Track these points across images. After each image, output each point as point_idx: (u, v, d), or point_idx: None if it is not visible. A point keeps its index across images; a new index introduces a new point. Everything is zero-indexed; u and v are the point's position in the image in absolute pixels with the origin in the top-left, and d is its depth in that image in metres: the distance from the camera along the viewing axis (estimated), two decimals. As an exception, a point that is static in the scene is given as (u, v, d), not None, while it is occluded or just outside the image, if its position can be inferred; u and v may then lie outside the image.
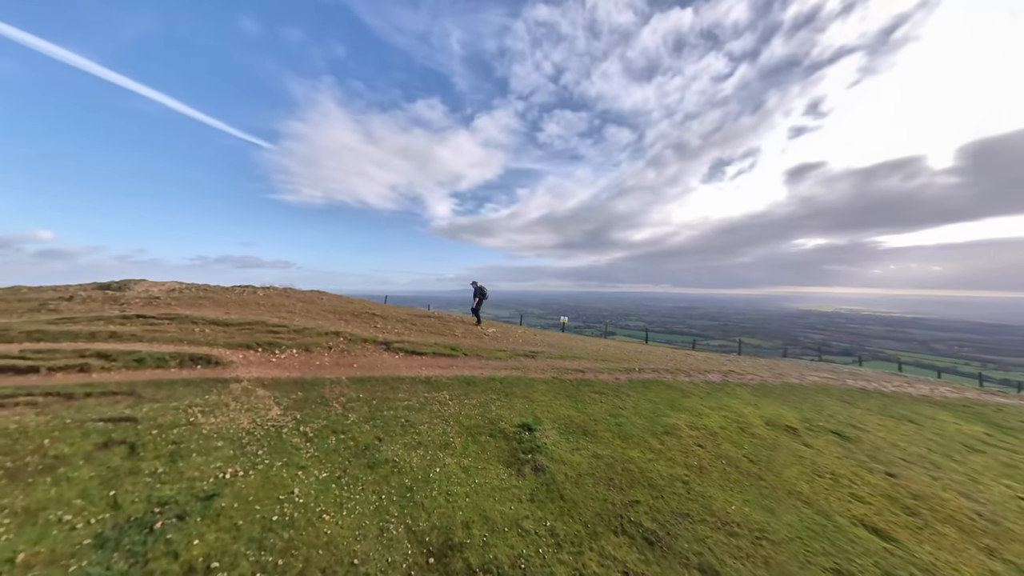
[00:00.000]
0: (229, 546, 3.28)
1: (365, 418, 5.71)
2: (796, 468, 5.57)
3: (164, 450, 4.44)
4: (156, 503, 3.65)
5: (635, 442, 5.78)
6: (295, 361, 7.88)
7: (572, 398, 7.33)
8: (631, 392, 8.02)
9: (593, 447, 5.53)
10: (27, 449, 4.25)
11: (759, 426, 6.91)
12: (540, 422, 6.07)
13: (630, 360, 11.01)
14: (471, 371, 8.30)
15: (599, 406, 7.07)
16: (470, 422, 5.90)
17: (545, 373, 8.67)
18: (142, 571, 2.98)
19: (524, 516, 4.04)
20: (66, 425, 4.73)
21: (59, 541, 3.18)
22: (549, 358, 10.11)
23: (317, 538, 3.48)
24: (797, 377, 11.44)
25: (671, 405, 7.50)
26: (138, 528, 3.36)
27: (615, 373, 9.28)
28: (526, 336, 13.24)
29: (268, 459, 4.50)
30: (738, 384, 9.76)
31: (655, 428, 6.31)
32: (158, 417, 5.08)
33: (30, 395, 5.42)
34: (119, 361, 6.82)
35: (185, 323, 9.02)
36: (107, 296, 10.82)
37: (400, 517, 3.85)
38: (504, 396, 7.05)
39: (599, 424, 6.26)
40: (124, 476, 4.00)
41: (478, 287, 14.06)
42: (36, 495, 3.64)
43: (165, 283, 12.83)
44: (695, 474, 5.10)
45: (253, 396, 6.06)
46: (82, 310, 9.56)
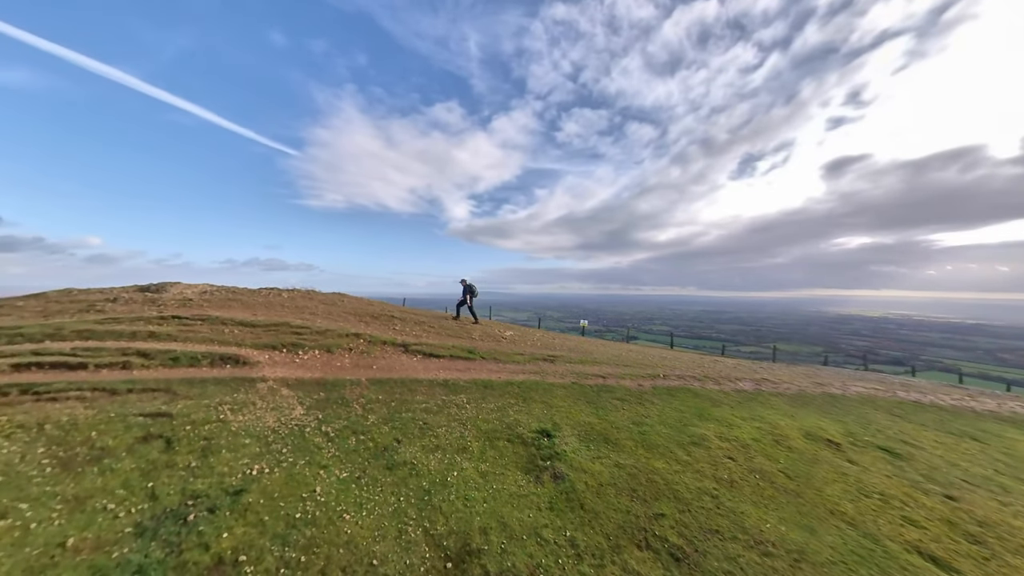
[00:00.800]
0: (256, 540, 3.45)
1: (384, 419, 5.86)
2: (839, 486, 5.24)
3: (197, 445, 4.73)
4: (189, 496, 3.89)
5: (660, 452, 5.62)
6: (317, 362, 8.20)
7: (593, 404, 7.23)
8: (655, 400, 7.81)
9: (615, 456, 5.42)
10: (77, 440, 4.64)
11: (797, 439, 6.55)
12: (559, 428, 6.02)
13: (654, 366, 10.73)
14: (488, 375, 8.34)
15: (621, 413, 6.93)
16: (488, 426, 5.93)
17: (564, 378, 8.59)
18: (177, 561, 3.18)
19: (543, 525, 4.01)
20: (111, 419, 5.13)
21: (104, 528, 3.45)
22: (569, 363, 10.01)
23: (338, 537, 3.59)
24: (839, 387, 10.77)
25: (699, 414, 7.25)
26: (173, 519, 3.59)
27: (638, 379, 9.07)
28: (545, 340, 13.17)
29: (292, 457, 4.70)
30: (773, 393, 9.30)
31: (681, 438, 6.11)
32: (191, 413, 5.42)
33: (80, 390, 5.92)
34: (157, 359, 7.33)
35: (216, 324, 9.58)
36: (146, 298, 11.67)
37: (418, 520, 3.91)
38: (522, 401, 7.04)
39: (621, 432, 6.13)
40: (161, 469, 4.29)
41: (467, 284, 14.25)
42: (84, 484, 3.97)
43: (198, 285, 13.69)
44: (725, 488, 4.90)
45: (278, 395, 6.36)
46: (124, 311, 10.36)
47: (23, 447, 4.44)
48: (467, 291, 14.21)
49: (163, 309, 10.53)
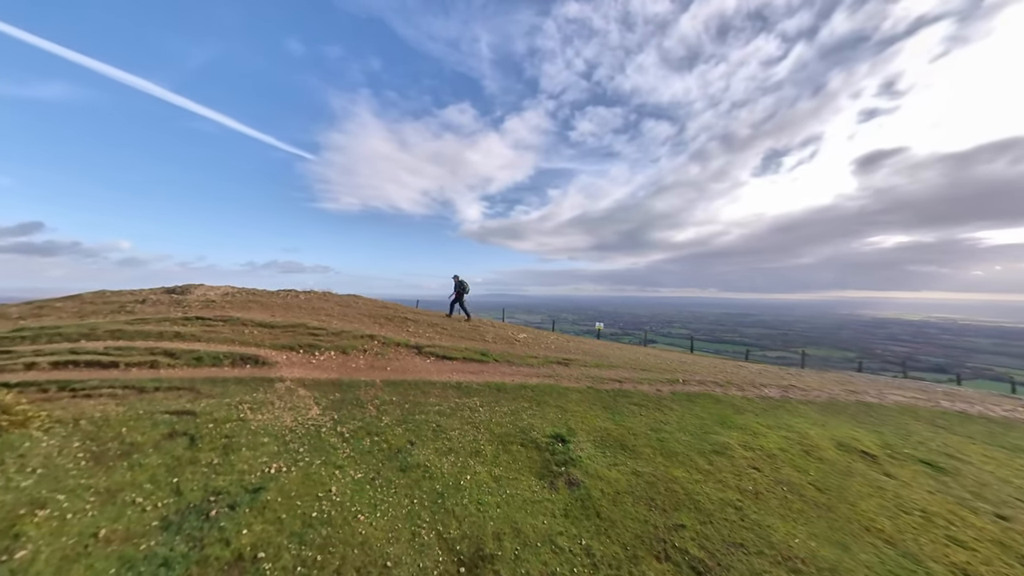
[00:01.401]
0: (273, 538, 3.56)
1: (398, 421, 5.95)
2: (875, 501, 4.98)
3: (218, 443, 4.93)
4: (212, 492, 4.06)
5: (680, 460, 5.49)
6: (333, 363, 8.41)
7: (609, 409, 7.13)
8: (675, 405, 7.64)
9: (632, 463, 5.32)
10: (108, 436, 4.92)
11: (828, 449, 6.27)
12: (574, 433, 5.96)
13: (673, 371, 10.50)
14: (501, 377, 8.36)
15: (639, 419, 6.80)
16: (501, 430, 5.93)
17: (579, 382, 8.51)
18: (200, 555, 3.32)
19: (558, 532, 3.97)
20: (139, 416, 5.41)
21: (133, 521, 3.64)
22: (584, 366, 9.92)
23: (353, 537, 3.67)
24: (875, 395, 10.24)
25: (721, 421, 7.04)
26: (196, 514, 3.75)
27: (656, 384, 8.89)
28: (559, 343, 13.09)
29: (308, 457, 4.83)
30: (802, 401, 8.93)
31: (703, 446, 5.94)
32: (214, 412, 5.66)
33: (111, 387, 6.27)
34: (182, 359, 7.69)
35: (236, 325, 9.98)
36: (172, 299, 12.28)
37: (431, 523, 3.95)
38: (536, 404, 7.02)
39: (639, 439, 6.02)
40: (185, 465, 4.49)
41: (459, 281, 14.42)
42: (115, 477, 4.19)
43: (220, 287, 14.30)
44: (750, 500, 4.73)
45: (295, 396, 6.55)
46: (152, 312, 10.92)
47: (60, 441, 4.74)
48: (458, 287, 14.43)
49: (187, 310, 11.05)
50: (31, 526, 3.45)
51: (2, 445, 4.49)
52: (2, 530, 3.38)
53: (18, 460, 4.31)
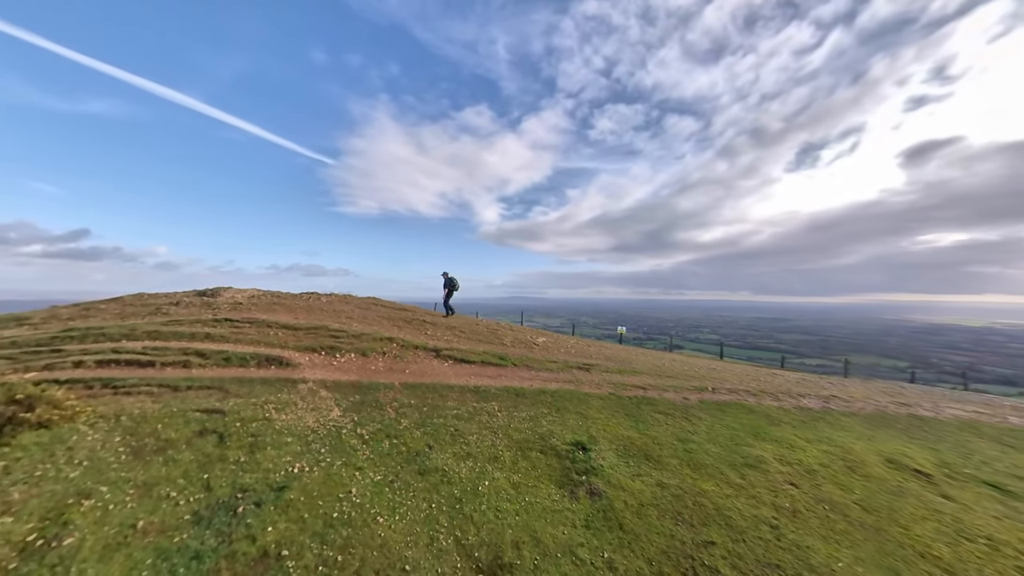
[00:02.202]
0: (296, 537, 3.70)
1: (416, 424, 6.05)
2: (931, 524, 4.62)
3: (245, 441, 5.18)
4: (239, 489, 4.27)
5: (709, 473, 5.29)
6: (353, 365, 8.67)
7: (632, 417, 6.98)
8: (703, 415, 7.38)
9: (657, 474, 5.18)
10: (146, 432, 5.27)
11: (876, 466, 5.88)
12: (595, 441, 5.87)
13: (701, 378, 10.16)
14: (520, 382, 8.35)
15: (664, 428, 6.62)
16: (520, 436, 5.93)
17: (601, 388, 8.38)
18: (228, 550, 3.49)
19: (579, 543, 3.92)
20: (173, 413, 5.77)
21: (167, 514, 3.88)
22: (605, 372, 9.76)
23: (372, 539, 3.76)
24: (930, 408, 9.52)
25: (754, 433, 6.74)
26: (225, 510, 3.95)
27: (683, 392, 8.63)
28: (579, 347, 12.95)
29: (329, 458, 5.00)
30: (845, 413, 8.43)
31: (734, 459, 5.71)
32: (241, 411, 5.95)
33: (148, 385, 6.72)
34: (211, 359, 8.15)
35: (262, 327, 10.47)
36: (203, 302, 13.04)
37: (449, 528, 3.99)
38: (555, 411, 6.96)
39: (664, 449, 5.86)
40: (215, 462, 4.74)
41: (449, 278, 14.64)
42: (151, 472, 4.49)
43: (247, 290, 15.06)
44: (787, 518, 4.50)
45: (317, 397, 6.80)
46: (185, 314, 11.63)
47: (103, 435, 5.12)
48: (448, 285, 14.69)
49: (217, 312, 11.70)
50: (78, 515, 3.74)
51: (53, 438, 4.90)
52: (53, 517, 3.68)
53: (67, 452, 4.69)
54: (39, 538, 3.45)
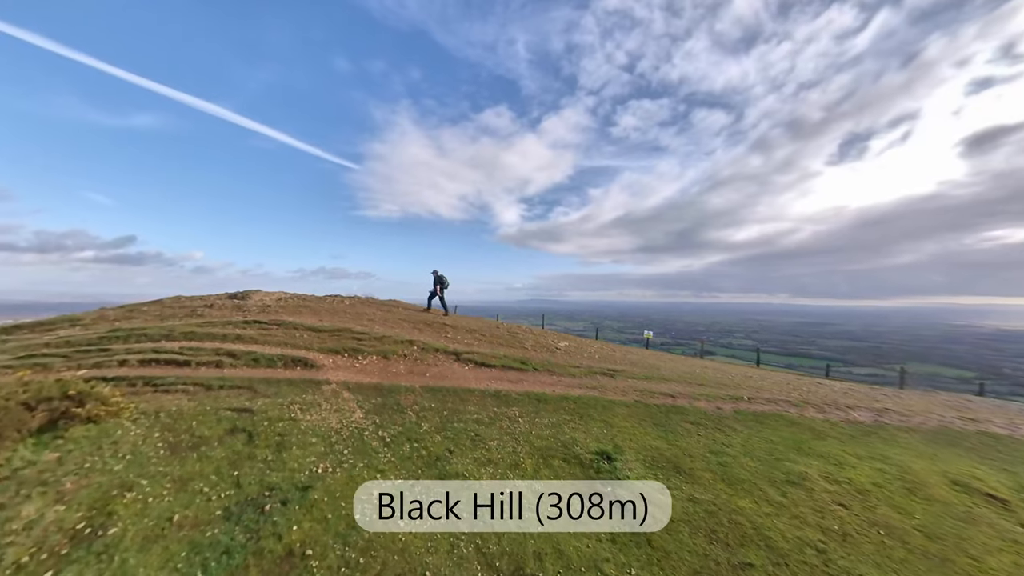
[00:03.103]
0: (320, 537, 3.82)
1: (437, 428, 6.13)
2: (1008, 557, 4.18)
3: (272, 440, 5.42)
4: (266, 487, 4.46)
5: (746, 489, 5.04)
6: (375, 367, 8.91)
7: (660, 427, 6.76)
8: (739, 426, 7.05)
9: (688, 488, 4.98)
10: (182, 428, 5.62)
11: (939, 488, 5.39)
12: (621, 451, 5.73)
13: (736, 386, 9.71)
14: (542, 387, 8.29)
15: (695, 439, 6.37)
16: (541, 443, 5.87)
17: (627, 395, 8.18)
18: (256, 546, 3.65)
19: (604, 558, 3.82)
20: (206, 411, 6.12)
21: (200, 509, 4.10)
22: (631, 378, 9.52)
23: (393, 543, 3.82)
24: (1004, 425, 8.65)
25: (796, 447, 6.36)
26: (253, 507, 4.14)
27: (716, 401, 8.27)
28: (603, 352, 12.72)
29: (352, 459, 5.14)
30: (901, 428, 7.80)
31: (774, 475, 5.41)
32: (268, 411, 6.24)
33: (184, 384, 7.17)
34: (241, 360, 8.60)
35: (288, 329, 10.96)
36: (234, 304, 13.81)
37: (470, 535, 4.00)
38: (579, 418, 6.86)
39: (696, 461, 5.63)
40: (244, 460, 4.98)
41: (439, 275, 14.95)
42: (187, 467, 4.77)
43: (274, 293, 15.83)
44: (836, 542, 4.20)
45: (340, 398, 7.02)
46: (218, 316, 12.36)
47: (144, 431, 5.50)
48: (438, 282, 14.97)
49: (247, 314, 12.35)
50: (121, 506, 4.03)
51: (100, 432, 5.32)
52: (99, 507, 3.99)
53: (112, 446, 5.07)
54: (87, 526, 3.75)
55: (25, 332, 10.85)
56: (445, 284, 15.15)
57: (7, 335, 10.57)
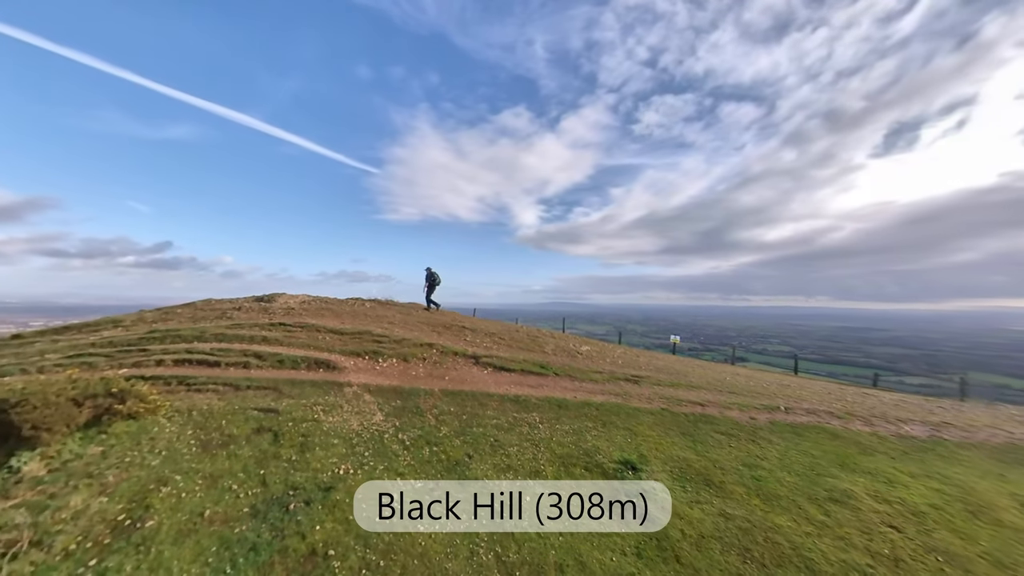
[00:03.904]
0: (342, 538, 3.93)
1: (456, 432, 6.18)
2: (1096, 595, 3.78)
3: (296, 441, 5.63)
4: (291, 487, 4.63)
5: (783, 506, 4.80)
6: (395, 370, 9.10)
7: (688, 436, 6.55)
8: (775, 438, 6.73)
9: (720, 503, 4.80)
10: (212, 427, 5.93)
11: (1008, 510, 4.95)
12: (646, 461, 5.59)
13: (771, 395, 9.29)
14: (563, 393, 8.21)
15: (727, 451, 6.13)
16: (563, 450, 5.81)
17: (652, 402, 7.98)
18: (280, 544, 3.80)
19: (629, 573, 3.74)
20: (235, 410, 6.44)
21: (229, 505, 4.31)
22: (656, 384, 9.29)
23: (413, 547, 3.88)
24: (1088, 445, 7.84)
25: (840, 462, 6.01)
26: (278, 506, 4.31)
27: (749, 411, 7.94)
28: (626, 357, 12.47)
29: (372, 461, 5.26)
30: (961, 443, 7.22)
31: (815, 491, 5.13)
32: (293, 411, 6.49)
33: (215, 384, 7.57)
34: (267, 361, 8.99)
35: (312, 331, 11.37)
36: (260, 307, 14.48)
37: (490, 543, 4.00)
38: (601, 425, 6.75)
39: (728, 474, 5.42)
40: (270, 459, 5.20)
41: (431, 272, 15.69)
42: (217, 464, 5.03)
43: (298, 296, 16.48)
44: (887, 567, 3.93)
45: (361, 400, 7.22)
46: (245, 318, 12.99)
47: (178, 428, 5.84)
48: (429, 279, 15.68)
49: (272, 317, 12.92)
50: (157, 500, 4.29)
51: (139, 428, 5.69)
52: (138, 500, 4.26)
53: (149, 442, 5.41)
54: (127, 518, 4.01)
55: (74, 333, 11.78)
56: (437, 282, 16.00)
57: (58, 335, 11.52)
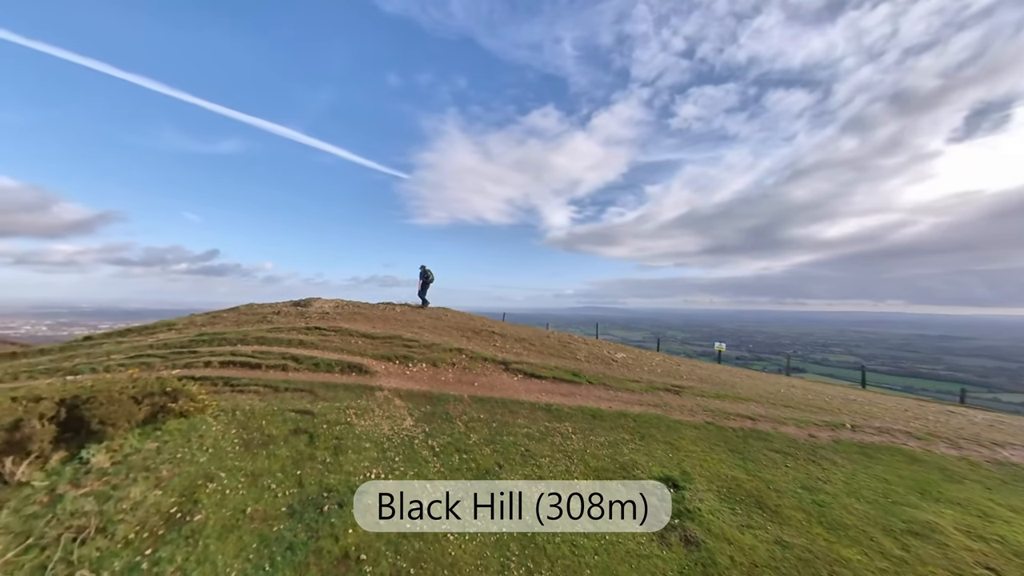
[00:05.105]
0: (373, 542, 4.05)
1: (486, 440, 6.21)
2: None
3: (330, 443, 5.89)
4: (325, 488, 4.85)
5: (852, 537, 4.39)
6: (424, 375, 9.31)
7: (737, 453, 6.17)
8: (840, 459, 6.19)
9: (775, 529, 4.47)
10: (253, 426, 6.34)
11: None
12: (690, 478, 5.32)
13: (835, 411, 8.56)
14: (597, 402, 8.03)
15: (782, 471, 5.71)
16: (597, 463, 5.67)
17: (695, 415, 7.61)
18: (315, 545, 3.97)
19: (672, 599, 3.56)
20: (274, 412, 6.85)
21: (268, 504, 4.58)
22: (700, 396, 8.85)
23: (443, 556, 3.92)
24: None
25: (921, 490, 5.41)
26: (313, 507, 4.52)
27: (808, 427, 7.36)
28: (666, 365, 12.00)
29: (403, 467, 5.40)
30: (1080, 476, 6.27)
31: (890, 522, 4.65)
32: (327, 414, 6.81)
33: (256, 385, 8.11)
34: (304, 364, 9.52)
35: (345, 335, 11.91)
36: (297, 311, 15.38)
37: (521, 557, 3.96)
38: (639, 438, 6.52)
39: (785, 498, 5.04)
40: (306, 460, 5.48)
41: (424, 271, 16.59)
42: (257, 463, 5.36)
43: (332, 301, 17.35)
44: (984, 616, 3.47)
45: (392, 405, 7.44)
46: (284, 322, 13.85)
47: (223, 427, 6.30)
48: (422, 277, 16.57)
49: (308, 321, 13.68)
50: (204, 495, 4.63)
51: (189, 426, 6.20)
52: (188, 495, 4.63)
53: (198, 439, 5.88)
54: (178, 511, 4.37)
55: (135, 335, 13.09)
56: (430, 279, 16.98)
57: (122, 337, 12.84)
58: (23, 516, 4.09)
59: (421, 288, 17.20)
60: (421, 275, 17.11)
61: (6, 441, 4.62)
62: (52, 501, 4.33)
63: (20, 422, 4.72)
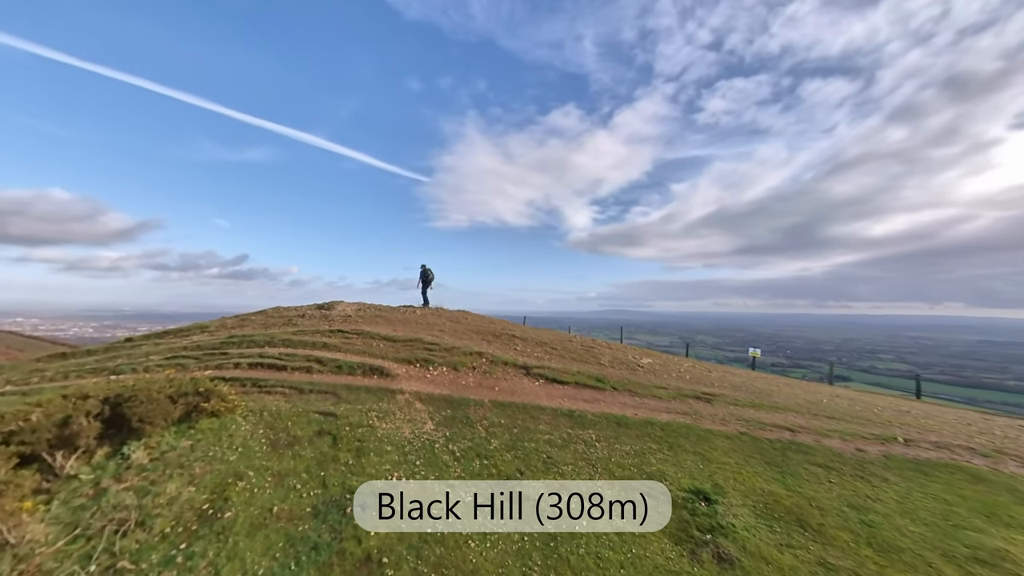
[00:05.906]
0: (395, 546, 4.12)
1: (507, 446, 6.21)
2: None
3: (353, 445, 6.06)
4: (348, 490, 4.98)
5: (906, 561, 4.10)
6: (445, 379, 9.43)
7: (775, 467, 5.90)
8: (892, 476, 5.81)
9: (818, 549, 4.23)
10: (280, 427, 6.60)
11: None
12: (723, 492, 5.13)
13: (885, 423, 8.05)
14: (622, 409, 7.88)
15: (826, 487, 5.41)
16: (623, 473, 5.56)
17: (728, 424, 7.34)
18: (339, 547, 4.08)
19: (704, 620, 3.43)
20: (299, 413, 7.11)
21: (294, 504, 4.75)
22: (733, 404, 8.53)
23: (463, 563, 3.94)
24: None
25: (987, 512, 5.00)
26: (336, 508, 4.65)
27: (854, 440, 6.95)
28: (695, 372, 11.63)
29: (424, 471, 5.47)
30: None
31: (951, 547, 4.31)
32: (350, 416, 7.00)
33: (282, 387, 8.45)
34: (327, 366, 9.84)
35: (366, 338, 12.23)
36: (321, 314, 15.94)
37: (543, 567, 3.93)
38: (667, 448, 6.34)
39: (829, 516, 4.77)
40: (329, 462, 5.65)
41: (424, 270, 17.05)
42: (283, 464, 5.58)
43: (354, 304, 17.87)
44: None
45: (412, 408, 7.57)
46: (308, 325, 14.38)
47: (252, 427, 6.59)
48: (422, 277, 17.08)
49: (331, 324, 14.14)
50: (234, 493, 4.86)
51: (220, 425, 6.53)
52: (219, 492, 4.87)
53: (229, 438, 6.18)
54: (210, 508, 4.60)
55: (171, 337, 13.93)
56: (430, 279, 17.48)
57: (159, 339, 13.70)
58: (72, 508, 4.42)
59: (421, 288, 17.79)
60: (421, 275, 17.66)
61: (57, 436, 5.01)
62: (97, 494, 4.66)
63: (69, 419, 5.12)
